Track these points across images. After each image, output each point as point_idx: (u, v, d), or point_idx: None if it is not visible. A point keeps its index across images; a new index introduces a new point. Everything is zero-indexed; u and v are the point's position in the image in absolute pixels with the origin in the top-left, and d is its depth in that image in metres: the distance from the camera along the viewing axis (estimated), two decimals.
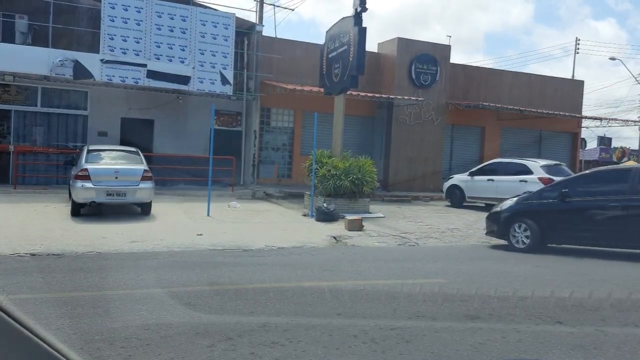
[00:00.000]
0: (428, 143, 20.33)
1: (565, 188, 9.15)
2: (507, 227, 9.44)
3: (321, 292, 5.82)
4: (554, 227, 9.18)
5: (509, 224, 9.42)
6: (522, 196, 9.91)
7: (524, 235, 9.20)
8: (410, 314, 4.97)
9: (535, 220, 9.18)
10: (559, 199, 9.09)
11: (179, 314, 4.66)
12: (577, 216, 9.07)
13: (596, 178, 9.76)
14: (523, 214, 9.41)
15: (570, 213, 9.11)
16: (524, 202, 9.64)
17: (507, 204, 9.80)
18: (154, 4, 15.51)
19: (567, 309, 5.55)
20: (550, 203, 9.27)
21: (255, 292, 5.68)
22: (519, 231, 9.28)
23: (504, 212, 9.64)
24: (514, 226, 9.31)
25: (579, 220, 9.05)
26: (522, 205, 9.59)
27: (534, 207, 9.46)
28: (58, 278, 6.11)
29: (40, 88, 15.90)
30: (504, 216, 9.58)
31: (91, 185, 10.65)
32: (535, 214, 9.30)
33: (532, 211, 9.40)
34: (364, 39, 13.18)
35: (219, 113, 17.65)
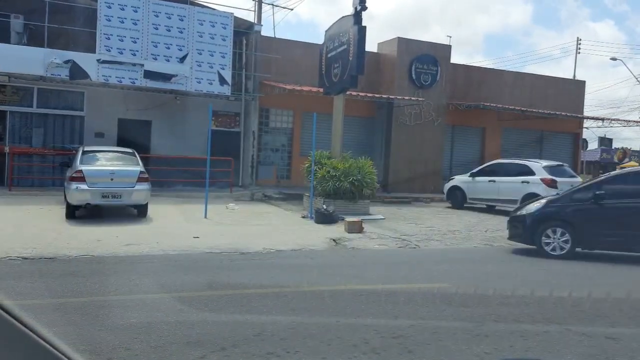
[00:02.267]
0: (428, 144, 20.13)
1: (599, 189, 8.69)
2: (536, 231, 8.87)
3: (320, 297, 5.62)
4: (588, 231, 8.66)
5: (538, 228, 8.84)
6: (550, 198, 9.47)
7: (562, 241, 8.67)
8: (413, 321, 4.77)
9: (568, 225, 8.69)
10: (592, 201, 8.62)
11: (170, 322, 4.46)
12: (613, 220, 8.62)
13: (631, 179, 9.36)
14: (555, 217, 8.88)
15: (606, 216, 8.64)
16: (553, 204, 9.10)
17: (534, 207, 9.25)
18: (151, 3, 15.31)
19: (575, 313, 5.35)
20: (584, 206, 8.77)
21: (252, 298, 5.48)
22: (554, 237, 8.72)
23: (532, 215, 9.06)
24: (547, 231, 8.74)
25: (614, 224, 8.60)
26: (553, 208, 9.05)
27: (566, 210, 8.94)
28: (48, 283, 5.91)
29: (36, 88, 15.70)
30: (532, 220, 8.99)
31: (86, 187, 10.44)
32: (568, 218, 8.80)
33: (565, 214, 8.87)
34: (364, 38, 12.99)
35: (217, 114, 17.44)
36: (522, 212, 9.35)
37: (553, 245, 8.70)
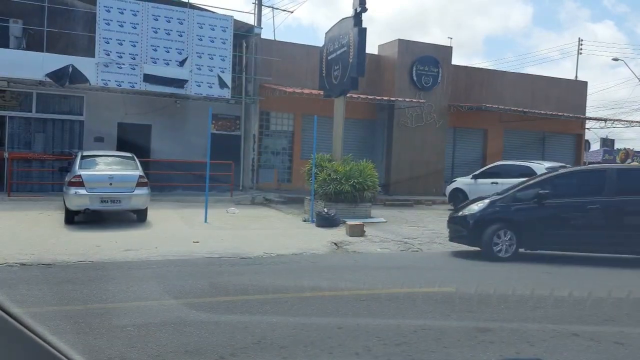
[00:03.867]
0: (430, 146, 20.02)
1: (542, 188, 8.58)
2: (481, 232, 8.55)
3: (321, 303, 5.52)
4: (530, 231, 8.53)
5: (483, 229, 8.54)
6: (492, 198, 9.04)
7: (508, 243, 8.48)
8: (416, 327, 4.65)
9: (512, 225, 8.52)
10: (535, 201, 8.50)
11: (168, 329, 4.35)
12: (555, 219, 8.54)
13: (572, 178, 9.31)
14: (499, 218, 8.66)
15: (548, 216, 8.54)
16: (497, 204, 8.81)
17: (477, 207, 8.91)
18: (150, 7, 15.24)
19: (583, 318, 5.24)
20: (527, 205, 8.62)
21: (252, 304, 5.37)
22: (502, 238, 8.49)
23: (475, 216, 8.77)
24: (498, 233, 8.47)
25: (557, 223, 8.54)
26: (497, 208, 8.78)
27: (509, 210, 8.73)
28: (44, 290, 5.81)
29: (35, 93, 15.63)
30: (475, 221, 8.71)
31: (85, 192, 10.35)
32: (512, 218, 8.63)
33: (509, 215, 8.69)
34: (364, 39, 12.91)
35: (218, 117, 17.36)
36: (464, 213, 9.02)
37: (500, 246, 8.47)
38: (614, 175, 8.75)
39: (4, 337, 1.08)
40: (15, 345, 1.10)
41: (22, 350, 1.11)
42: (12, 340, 1.09)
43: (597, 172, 9.48)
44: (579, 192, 8.78)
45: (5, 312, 1.09)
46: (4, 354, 1.08)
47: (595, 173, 9.45)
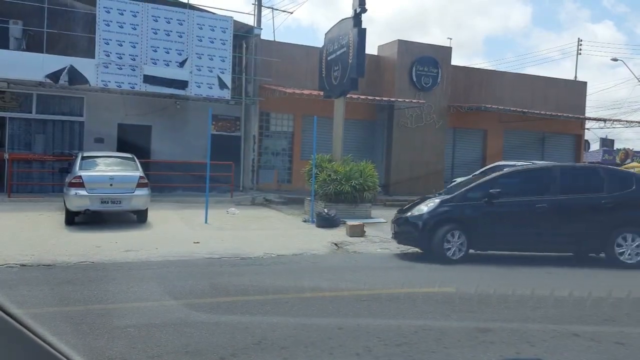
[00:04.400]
0: (430, 146, 20.02)
1: (493, 187, 8.37)
2: (432, 234, 8.22)
3: (322, 304, 5.52)
4: (481, 232, 8.30)
5: (435, 230, 8.21)
6: (442, 198, 8.73)
7: (459, 244, 8.18)
8: (417, 327, 4.66)
9: (462, 226, 8.26)
10: (485, 200, 8.28)
11: (168, 331, 4.35)
12: (505, 219, 8.36)
13: (522, 177, 9.12)
14: (450, 219, 8.36)
15: (498, 216, 8.34)
16: (447, 204, 8.48)
17: (428, 207, 8.50)
18: (150, 7, 15.25)
19: (583, 318, 5.25)
20: (477, 205, 8.38)
21: (252, 305, 5.37)
22: (453, 240, 8.19)
23: (426, 217, 8.37)
24: (448, 234, 8.15)
25: (506, 223, 8.38)
26: (447, 208, 8.45)
27: (460, 210, 8.47)
28: (45, 291, 5.82)
29: (35, 94, 15.63)
30: (426, 222, 8.32)
31: (85, 193, 10.35)
32: (462, 218, 8.37)
33: (459, 215, 8.43)
34: (364, 40, 12.92)
35: (218, 118, 17.36)
36: (413, 214, 8.61)
37: (451, 248, 8.17)
38: (559, 174, 8.70)
39: (5, 337, 1.09)
40: (15, 346, 1.10)
41: (22, 351, 1.11)
42: (12, 341, 1.09)
43: (543, 171, 9.28)
44: (528, 191, 8.64)
45: (6, 312, 1.09)
46: (5, 354, 1.08)
47: (542, 171, 9.25)
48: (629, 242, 8.22)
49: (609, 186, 8.54)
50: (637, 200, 8.55)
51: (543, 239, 8.39)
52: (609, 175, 8.91)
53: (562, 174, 8.80)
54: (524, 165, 10.32)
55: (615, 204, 8.40)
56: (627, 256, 8.18)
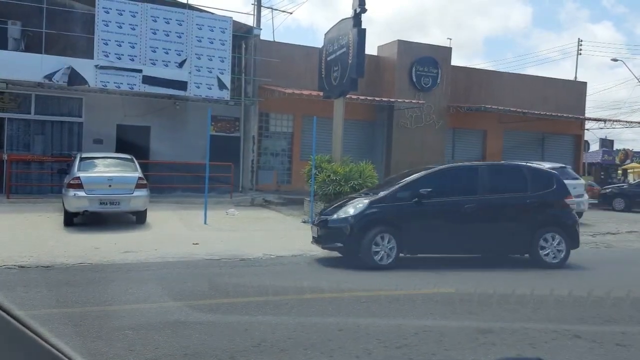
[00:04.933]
0: (429, 147, 19.98)
1: (421, 187, 7.86)
2: (361, 238, 7.54)
3: (322, 305, 5.48)
4: (411, 235, 7.79)
5: (363, 234, 7.55)
6: (371, 198, 8.04)
7: (388, 248, 7.59)
8: (417, 329, 4.62)
9: (392, 228, 7.72)
10: (415, 200, 7.80)
11: (167, 333, 4.32)
12: (434, 220, 8.01)
13: (451, 175, 8.73)
14: (380, 221, 7.75)
15: (428, 217, 7.95)
16: (377, 205, 7.85)
17: (355, 209, 7.86)
18: (149, 8, 15.22)
19: (585, 319, 5.21)
20: (407, 206, 7.85)
21: (251, 306, 5.34)
22: (383, 243, 7.57)
23: (353, 219, 7.70)
24: (377, 238, 7.54)
25: (436, 224, 8.01)
26: (377, 209, 7.83)
27: (390, 211, 7.89)
28: (43, 293, 5.78)
29: (34, 95, 15.60)
30: (355, 225, 7.64)
31: (84, 194, 10.31)
32: (392, 220, 7.83)
33: (389, 217, 7.85)
34: (364, 40, 12.88)
35: (217, 119, 17.33)
36: (339, 216, 7.91)
37: (380, 253, 7.56)
38: (486, 173, 8.47)
39: (5, 337, 1.08)
40: (17, 347, 1.09)
41: (24, 352, 1.10)
42: (13, 341, 1.08)
43: (471, 169, 8.87)
44: (457, 191, 8.31)
45: (8, 313, 1.08)
46: (6, 355, 1.07)
47: (470, 170, 8.86)
48: (550, 242, 8.11)
49: (532, 185, 8.41)
50: (558, 199, 8.50)
51: (472, 240, 8.09)
52: (532, 174, 8.76)
53: (490, 172, 8.57)
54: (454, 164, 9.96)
55: (539, 204, 8.32)
56: (550, 256, 8.09)
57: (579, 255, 8.67)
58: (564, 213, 8.52)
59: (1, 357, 1.06)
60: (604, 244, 11.50)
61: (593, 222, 15.08)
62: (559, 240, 8.13)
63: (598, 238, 12.26)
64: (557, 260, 8.09)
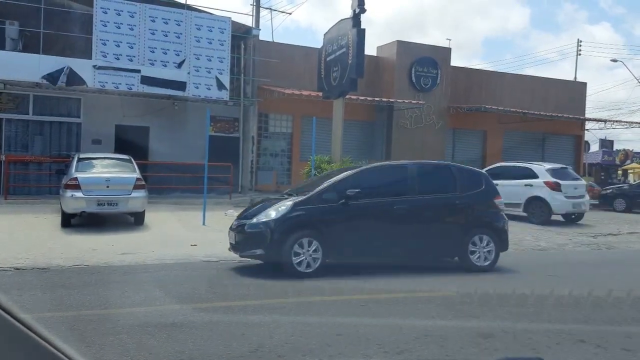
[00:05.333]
0: (429, 147, 19.89)
1: (349, 188, 7.28)
2: (282, 243, 6.83)
3: (320, 308, 5.40)
4: (337, 239, 7.18)
5: (285, 239, 6.85)
6: (295, 199, 7.35)
7: (312, 254, 6.89)
8: (418, 333, 4.54)
9: (317, 232, 7.08)
10: (342, 202, 7.19)
11: (162, 337, 4.23)
12: (363, 223, 7.39)
13: (380, 175, 8.15)
14: (304, 224, 7.09)
15: (355, 219, 7.34)
16: (301, 207, 7.16)
17: (278, 211, 7.12)
18: (147, 8, 15.14)
19: (588, 322, 5.13)
20: (333, 208, 7.24)
21: (249, 310, 5.26)
22: (305, 249, 6.86)
23: (274, 223, 6.96)
24: (299, 242, 6.85)
25: (364, 228, 7.38)
26: (301, 211, 7.12)
27: (316, 214, 7.21)
28: (37, 296, 5.70)
29: (32, 95, 15.51)
30: (276, 229, 6.91)
31: (81, 195, 10.22)
32: (317, 224, 7.18)
33: (314, 220, 7.19)
34: (363, 40, 12.84)
35: (216, 119, 17.25)
36: (260, 219, 7.13)
37: (304, 260, 6.87)
38: (415, 172, 8.04)
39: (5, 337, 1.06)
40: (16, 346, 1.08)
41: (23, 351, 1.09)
42: (13, 341, 1.07)
43: (401, 169, 8.34)
44: (386, 191, 7.84)
45: (9, 313, 1.06)
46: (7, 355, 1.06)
47: (400, 169, 8.33)
48: (479, 244, 7.73)
49: (461, 186, 8.02)
50: (487, 200, 8.16)
51: (402, 243, 7.56)
52: (461, 174, 8.33)
53: (419, 172, 8.13)
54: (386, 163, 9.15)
55: (468, 205, 7.96)
56: (481, 259, 7.70)
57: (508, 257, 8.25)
58: (494, 214, 8.14)
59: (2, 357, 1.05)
60: (605, 245, 11.43)
61: (594, 223, 15.00)
62: (489, 243, 7.76)
63: (599, 239, 12.18)
64: (487, 263, 7.72)
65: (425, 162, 9.89)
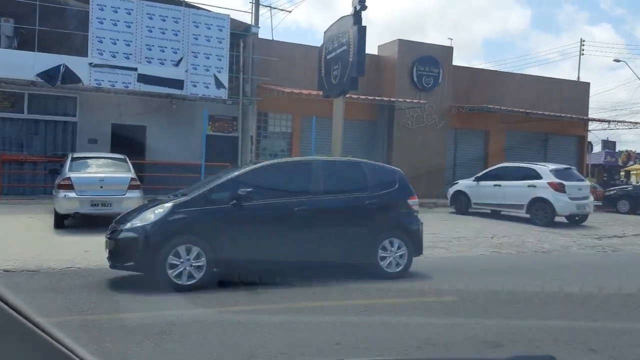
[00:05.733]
0: (431, 147, 19.66)
1: (242, 187, 6.43)
2: (156, 253, 5.91)
3: (318, 315, 5.16)
4: (226, 245, 6.21)
5: (161, 246, 5.95)
6: (176, 201, 6.45)
7: (193, 264, 5.99)
8: (421, 342, 4.29)
9: (202, 239, 6.14)
10: (232, 203, 6.34)
11: (149, 347, 3.98)
12: (258, 227, 6.57)
13: (278, 173, 7.36)
14: (185, 229, 6.18)
15: (248, 223, 6.47)
16: (182, 210, 6.28)
17: (157, 214, 6.24)
18: (144, 5, 14.91)
19: (599, 331, 4.89)
20: (222, 210, 6.40)
21: (242, 316, 5.01)
22: (184, 257, 5.95)
23: (152, 227, 6.08)
24: (176, 251, 5.95)
25: (260, 232, 6.55)
26: (182, 215, 6.25)
27: (200, 217, 6.32)
28: (23, 299, 5.38)
29: (27, 94, 15.28)
30: (151, 235, 6.03)
31: (74, 195, 9.98)
32: (203, 229, 6.25)
33: (197, 224, 6.28)
34: (364, 38, 12.59)
35: (214, 118, 17.02)
36: (134, 224, 6.19)
37: (183, 270, 5.96)
38: (321, 170, 7.32)
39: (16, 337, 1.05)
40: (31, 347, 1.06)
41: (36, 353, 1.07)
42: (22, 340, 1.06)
43: (304, 166, 7.65)
44: (286, 191, 7.01)
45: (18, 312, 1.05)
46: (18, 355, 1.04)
47: (302, 166, 7.62)
48: (390, 249, 7.01)
49: (372, 185, 7.29)
50: (400, 200, 7.47)
51: (304, 250, 6.63)
52: (372, 172, 7.63)
53: (325, 170, 7.45)
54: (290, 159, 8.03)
55: (379, 206, 7.17)
56: (392, 265, 6.98)
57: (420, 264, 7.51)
58: (408, 216, 7.45)
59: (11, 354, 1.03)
60: (610, 247, 11.20)
61: (598, 224, 14.78)
62: (401, 247, 7.07)
63: (604, 241, 11.95)
64: (399, 269, 7.03)
65: (334, 159, 9.02)
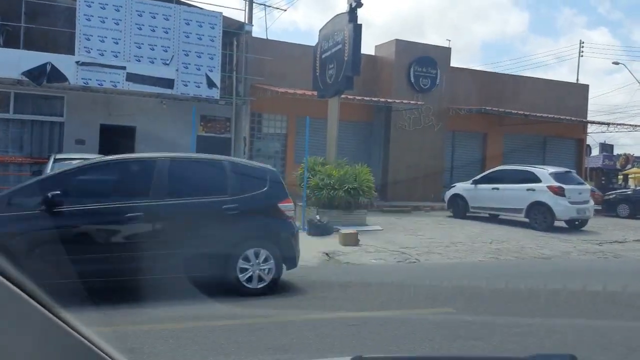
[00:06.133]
0: (428, 150, 19.29)
1: (55, 189, 5.36)
2: None
3: (307, 329, 4.75)
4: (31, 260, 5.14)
5: None
6: None
7: None
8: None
9: None
10: (43, 209, 5.31)
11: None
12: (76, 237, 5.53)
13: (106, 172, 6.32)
14: None
15: (63, 232, 5.35)
16: None
17: None
18: (134, 2, 14.46)
19: (606, 345, 4.51)
20: (26, 216, 5.38)
21: (231, 329, 4.61)
22: None
23: None
24: None
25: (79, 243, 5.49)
26: None
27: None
28: None
29: (12, 93, 14.82)
30: None
31: None
32: None
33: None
34: (360, 36, 12.24)
35: (206, 118, 16.61)
36: None
37: None
38: (167, 169, 6.07)
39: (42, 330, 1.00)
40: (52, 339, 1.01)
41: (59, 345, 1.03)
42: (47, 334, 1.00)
43: (144, 164, 6.30)
44: (119, 194, 5.96)
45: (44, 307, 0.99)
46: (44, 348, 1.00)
47: (141, 165, 6.33)
48: (254, 260, 5.99)
49: (235, 186, 6.21)
50: (269, 204, 6.37)
51: (139, 263, 5.54)
52: (236, 171, 6.48)
53: (174, 169, 6.19)
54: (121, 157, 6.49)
55: (241, 211, 6.07)
56: (254, 280, 5.96)
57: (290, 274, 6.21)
58: (277, 222, 6.40)
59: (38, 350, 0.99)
60: (611, 253, 10.86)
61: (598, 229, 14.46)
62: (268, 259, 6.05)
63: (605, 247, 11.63)
64: (262, 284, 5.98)
65: (188, 156, 7.66)
